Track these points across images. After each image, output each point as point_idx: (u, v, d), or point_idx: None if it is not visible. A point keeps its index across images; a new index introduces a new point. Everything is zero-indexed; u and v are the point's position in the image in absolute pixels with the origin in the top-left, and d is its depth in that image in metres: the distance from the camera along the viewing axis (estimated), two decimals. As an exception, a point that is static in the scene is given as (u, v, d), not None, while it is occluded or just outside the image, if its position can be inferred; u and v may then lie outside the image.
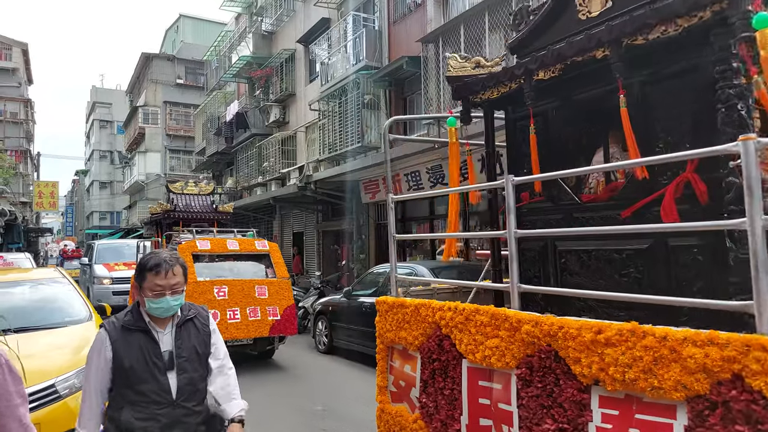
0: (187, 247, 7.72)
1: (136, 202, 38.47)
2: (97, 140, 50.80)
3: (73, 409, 4.12)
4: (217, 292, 7.37)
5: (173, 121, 34.68)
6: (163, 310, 2.29)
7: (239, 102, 22.08)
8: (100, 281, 13.95)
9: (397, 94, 12.88)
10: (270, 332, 7.61)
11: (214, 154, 24.59)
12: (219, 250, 8.01)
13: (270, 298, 7.68)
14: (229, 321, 7.23)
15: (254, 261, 8.33)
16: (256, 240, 8.58)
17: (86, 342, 4.76)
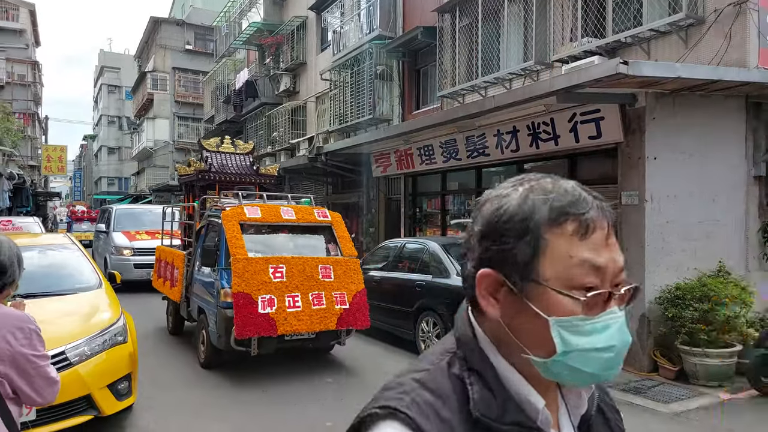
0: (233, 214, 6.32)
1: (144, 168, 38.43)
2: (105, 105, 50.56)
3: (83, 377, 4.12)
4: (273, 273, 5.87)
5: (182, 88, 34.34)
6: (606, 363, 0.76)
7: (249, 70, 21.76)
8: (120, 252, 12.48)
9: (411, 66, 12.60)
10: (337, 324, 6.05)
11: (223, 123, 24.36)
12: (271, 219, 6.52)
13: (337, 282, 6.20)
14: (288, 310, 5.76)
15: (313, 234, 6.90)
16: (315, 208, 7.01)
17: (96, 309, 4.77)
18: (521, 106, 6.96)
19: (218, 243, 6.40)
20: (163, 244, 9.14)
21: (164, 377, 6.14)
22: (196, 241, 7.33)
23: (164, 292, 8.33)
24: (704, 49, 6.63)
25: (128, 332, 4.67)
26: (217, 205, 7.29)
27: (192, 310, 7.16)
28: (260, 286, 5.73)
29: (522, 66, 8.57)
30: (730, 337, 6.02)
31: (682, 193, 6.62)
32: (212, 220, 6.93)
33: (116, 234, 13.06)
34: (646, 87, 6.13)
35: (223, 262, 6.13)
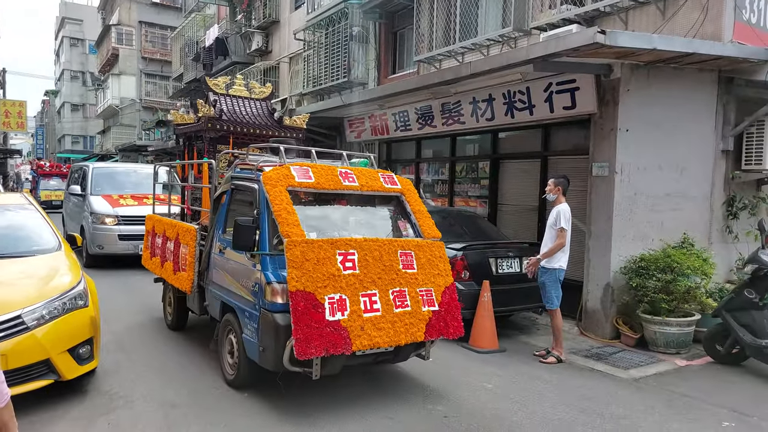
0: (278, 177, 4.46)
1: (110, 127, 37.16)
2: (67, 59, 48.29)
3: (41, 341, 4.02)
4: (342, 262, 4.15)
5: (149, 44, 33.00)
6: None
7: (219, 27, 20.99)
8: (101, 220, 10.30)
9: (388, 28, 12.31)
10: (426, 334, 4.35)
11: (192, 81, 23.59)
12: (328, 185, 4.63)
13: (421, 273, 4.50)
14: (365, 315, 4.08)
15: (379, 207, 5.16)
16: (379, 172, 5.08)
17: (55, 272, 4.61)
18: (498, 74, 6.87)
19: (257, 217, 4.47)
20: (155, 212, 7.19)
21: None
22: (214, 213, 5.33)
23: (163, 276, 6.41)
24: (681, 21, 6.61)
25: (89, 296, 4.54)
26: (246, 163, 5.19)
27: (210, 306, 5.36)
28: (327, 282, 4.01)
29: (500, 32, 8.44)
30: (690, 307, 6.22)
31: (652, 166, 6.70)
32: (240, 183, 4.96)
33: (95, 198, 10.84)
34: (622, 58, 6.10)
35: (266, 245, 4.32)
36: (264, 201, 4.45)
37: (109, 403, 4.34)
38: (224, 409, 4.33)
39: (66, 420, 4.01)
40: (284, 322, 3.99)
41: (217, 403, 4.43)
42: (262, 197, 4.47)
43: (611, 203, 6.49)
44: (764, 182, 7.51)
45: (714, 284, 6.60)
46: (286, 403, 4.41)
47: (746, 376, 5.52)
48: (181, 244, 5.72)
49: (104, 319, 5.15)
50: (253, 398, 4.51)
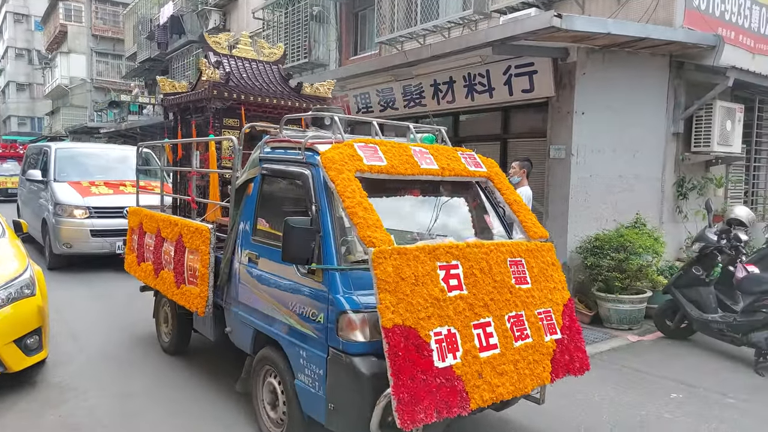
0: (343, 158, 3.19)
1: (59, 108, 35.54)
2: (11, 36, 45.70)
3: (-15, 331, 3.84)
4: (445, 279, 2.97)
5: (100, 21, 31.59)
6: None
7: (174, 4, 20.23)
8: (68, 212, 8.44)
9: (349, 8, 12.13)
10: (553, 374, 3.25)
11: (147, 61, 22.76)
12: (404, 169, 3.40)
13: (536, 288, 3.37)
14: (481, 356, 2.94)
15: (458, 196, 3.99)
16: (458, 150, 3.87)
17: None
18: (458, 57, 6.88)
19: (317, 215, 3.20)
20: (139, 204, 5.76)
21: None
22: (237, 208, 3.97)
23: (157, 288, 4.97)
24: (635, 7, 6.75)
25: (36, 285, 4.37)
26: (282, 140, 3.77)
27: (235, 334, 4.01)
28: (431, 310, 2.81)
29: (461, 15, 8.43)
30: (642, 285, 6.45)
31: (606, 148, 6.87)
32: (276, 168, 3.70)
33: (60, 186, 8.92)
34: (578, 42, 6.20)
35: (333, 256, 3.08)
36: (324, 192, 3.20)
37: (59, 395, 4.21)
38: None
39: (13, 412, 3.88)
40: (369, 369, 2.81)
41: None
42: (320, 187, 3.23)
43: (568, 185, 6.64)
44: (712, 164, 7.81)
45: (665, 262, 6.87)
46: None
47: (694, 349, 5.78)
48: (186, 248, 4.32)
49: (75, 338, 4.97)
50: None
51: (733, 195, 8.52)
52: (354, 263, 3.10)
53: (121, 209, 8.11)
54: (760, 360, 5.18)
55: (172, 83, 5.78)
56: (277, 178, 3.76)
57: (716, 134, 7.20)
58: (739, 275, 5.53)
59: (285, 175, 3.64)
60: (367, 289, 2.88)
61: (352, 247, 3.19)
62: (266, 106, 5.26)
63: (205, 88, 4.95)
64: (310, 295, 3.16)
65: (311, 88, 5.67)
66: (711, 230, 5.85)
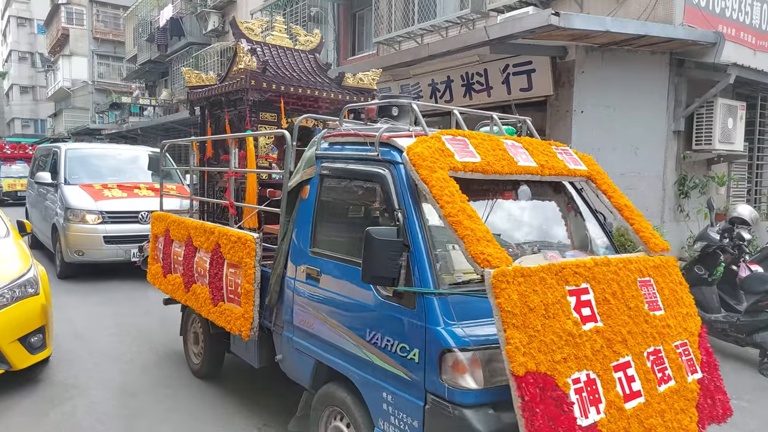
0: (432, 154, 2.59)
1: (61, 110, 35.69)
2: (15, 39, 45.95)
3: (-11, 330, 3.87)
4: (576, 307, 2.35)
5: (101, 23, 31.66)
6: None
7: (174, 6, 20.27)
8: (80, 218, 7.87)
9: (347, 9, 12.15)
10: (700, 423, 2.64)
11: (147, 63, 22.84)
12: (500, 167, 2.78)
13: (669, 314, 2.79)
14: (626, 407, 2.32)
15: (551, 200, 3.41)
16: (552, 145, 3.25)
17: (3, 260, 4.44)
18: (456, 56, 6.90)
19: (403, 225, 2.59)
20: (163, 209, 5.18)
21: None
22: (289, 215, 3.42)
23: (188, 305, 4.35)
24: (634, 4, 6.74)
25: (40, 284, 4.40)
26: (347, 134, 3.20)
27: (289, 363, 3.42)
28: (565, 349, 2.24)
29: (458, 14, 8.43)
30: (642, 283, 6.42)
31: (606, 147, 6.87)
32: (339, 167, 3.15)
33: (71, 189, 8.34)
34: (577, 40, 6.20)
35: (429, 277, 2.49)
36: (410, 196, 2.62)
37: (62, 393, 4.23)
38: None
39: (18, 411, 3.90)
40: (488, 427, 2.23)
41: None
42: (404, 189, 2.65)
43: (567, 183, 6.63)
44: (714, 162, 7.79)
45: (664, 260, 6.84)
46: None
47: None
48: (225, 261, 3.77)
49: (79, 338, 4.87)
50: None
51: (736, 193, 8.50)
52: (453, 285, 2.51)
53: (136, 214, 7.90)
54: (764, 360, 5.12)
55: (199, 75, 5.35)
56: (340, 179, 3.16)
57: (718, 132, 7.18)
58: (743, 274, 5.47)
59: (352, 175, 3.06)
60: (473, 318, 2.41)
61: (447, 263, 2.61)
62: (306, 99, 4.78)
63: (241, 78, 4.39)
64: (398, 325, 2.53)
65: (353, 78, 5.17)
66: (713, 229, 5.78)
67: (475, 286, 2.43)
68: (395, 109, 3.31)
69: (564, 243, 3.22)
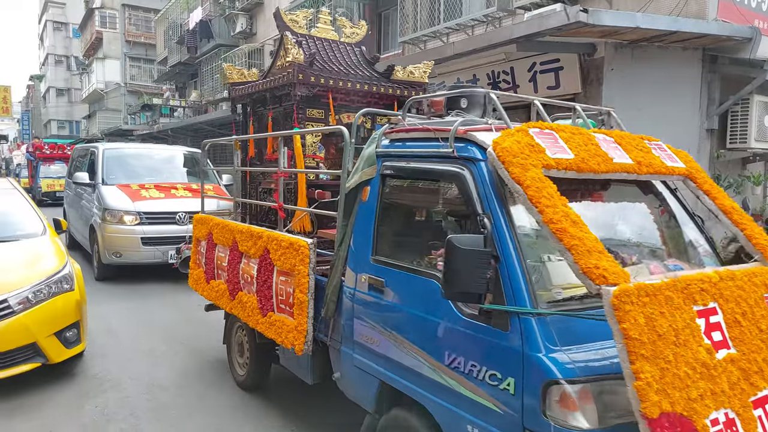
0: (522, 150, 2.23)
1: (95, 111, 36.65)
2: (51, 43, 47.39)
3: (27, 325, 4.04)
4: (707, 331, 2.01)
5: (133, 27, 32.42)
6: None
7: (203, 9, 20.65)
8: (117, 219, 7.81)
9: (372, 9, 12.20)
10: None
11: (177, 65, 23.30)
12: (596, 165, 2.40)
13: None
14: None
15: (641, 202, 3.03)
16: (644, 139, 2.88)
17: (40, 257, 4.61)
18: (481, 54, 6.87)
19: (491, 232, 2.24)
20: (204, 211, 4.99)
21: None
22: (346, 219, 3.11)
23: (234, 313, 4.04)
24: (665, 0, 6.62)
25: (75, 280, 4.55)
26: (414, 128, 2.86)
27: (347, 382, 3.14)
28: (701, 384, 1.89)
29: (484, 12, 8.39)
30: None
31: (636, 145, 6.74)
32: (405, 167, 2.86)
33: (109, 190, 8.26)
34: (606, 37, 6.11)
35: (524, 294, 2.15)
36: (496, 199, 2.31)
37: (97, 386, 4.36)
38: None
39: (54, 403, 4.04)
40: None
41: None
42: (489, 191, 2.33)
43: (596, 182, 6.54)
44: (749, 161, 7.59)
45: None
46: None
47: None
48: (276, 267, 3.50)
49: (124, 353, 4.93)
50: None
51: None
52: (552, 304, 2.18)
53: (174, 215, 7.84)
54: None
55: (241, 71, 5.09)
56: (406, 179, 2.89)
57: (753, 130, 6.99)
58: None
59: (421, 175, 2.79)
60: (577, 342, 2.07)
61: (543, 277, 2.29)
62: (355, 93, 4.50)
63: (288, 72, 4.11)
64: (486, 349, 2.21)
65: (403, 72, 4.85)
66: (746, 228, 5.67)
67: (577, 304, 2.16)
68: (464, 101, 2.91)
69: (659, 251, 2.85)
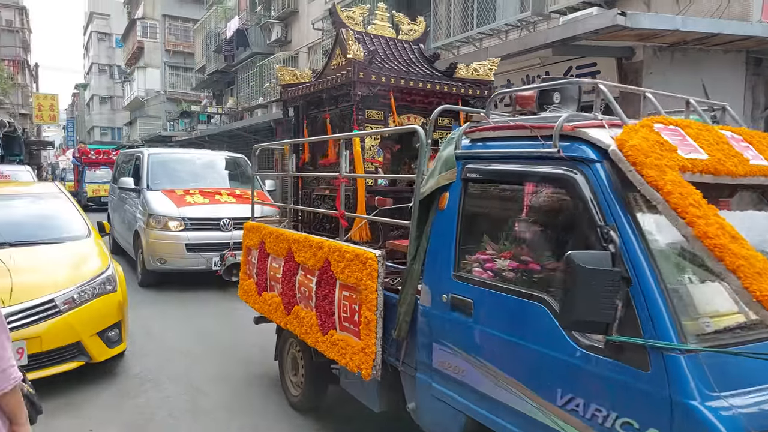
0: (653, 149, 1.90)
1: (136, 118, 37.88)
2: (95, 53, 49.31)
3: (72, 324, 4.19)
4: None
5: (172, 36, 33.40)
6: None
7: (240, 18, 21.13)
8: (162, 224, 7.68)
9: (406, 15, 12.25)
10: None
11: (215, 73, 23.89)
12: (732, 168, 2.06)
13: None
14: None
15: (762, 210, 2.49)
16: None
17: (85, 258, 4.78)
18: (515, 59, 6.83)
19: (618, 250, 1.86)
20: (254, 219, 4.72)
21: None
22: (420, 229, 2.77)
23: (290, 329, 3.73)
24: (705, 1, 6.45)
25: (117, 281, 4.71)
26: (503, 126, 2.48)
27: (425, 413, 2.75)
28: None
29: (519, 17, 8.34)
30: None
31: (676, 150, 6.58)
32: (498, 169, 2.47)
33: (154, 195, 8.11)
34: (644, 40, 6.00)
35: (669, 327, 1.74)
36: (623, 209, 1.95)
37: (138, 386, 4.49)
38: None
39: (97, 402, 4.17)
40: None
41: None
42: (613, 200, 1.97)
43: (633, 188, 6.41)
44: (795, 166, 7.31)
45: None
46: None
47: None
48: (338, 281, 3.16)
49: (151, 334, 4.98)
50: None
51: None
52: (702, 337, 1.79)
53: (218, 221, 7.72)
54: None
55: (293, 72, 4.88)
56: (495, 184, 2.56)
57: (799, 134, 6.74)
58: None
59: (515, 178, 2.39)
60: (738, 385, 1.71)
61: (686, 304, 1.90)
62: (417, 93, 4.23)
63: (347, 71, 3.90)
64: (617, 390, 1.82)
65: (467, 69, 4.54)
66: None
67: (728, 337, 1.80)
68: (557, 95, 2.59)
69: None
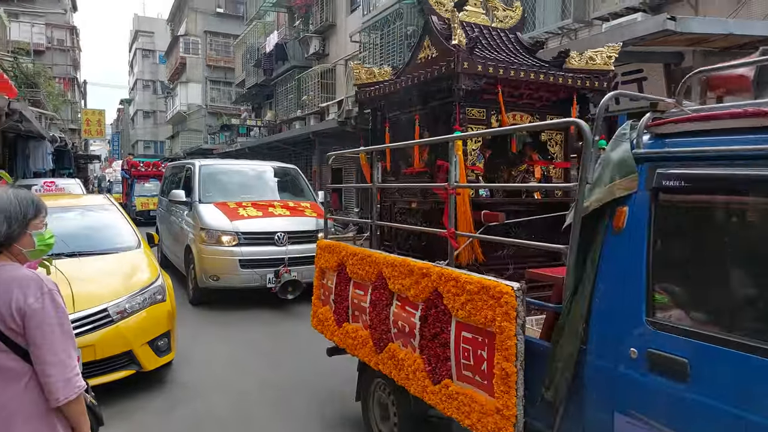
0: None
1: (178, 132, 39.02)
2: (140, 69, 51.23)
3: (125, 333, 4.30)
4: None
5: (213, 52, 34.35)
6: None
7: (279, 33, 21.58)
8: (215, 239, 7.20)
9: (444, 26, 12.26)
10: None
11: (254, 86, 24.40)
12: None
13: None
14: None
15: None
16: None
17: (136, 269, 4.91)
18: (559, 67, 6.72)
19: None
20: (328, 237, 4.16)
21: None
22: (581, 254, 2.13)
23: (382, 370, 3.09)
24: (758, 3, 6.22)
25: (167, 291, 4.82)
26: (696, 116, 1.98)
27: None
28: None
29: (560, 24, 8.23)
30: None
31: (728, 158, 6.34)
32: (707, 175, 1.80)
33: (206, 208, 7.65)
34: (693, 45, 5.83)
35: None
36: None
37: (186, 393, 4.57)
38: None
39: (148, 410, 4.26)
40: None
41: None
42: None
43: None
44: None
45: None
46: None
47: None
48: (453, 319, 2.54)
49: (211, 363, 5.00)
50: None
51: None
52: None
53: (272, 235, 7.23)
54: None
55: (370, 70, 4.45)
56: (714, 194, 1.89)
57: None
58: None
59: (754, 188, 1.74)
60: None
61: None
62: (526, 86, 3.72)
63: (448, 61, 3.42)
64: None
65: (580, 58, 4.00)
66: None
67: None
68: None
69: None
